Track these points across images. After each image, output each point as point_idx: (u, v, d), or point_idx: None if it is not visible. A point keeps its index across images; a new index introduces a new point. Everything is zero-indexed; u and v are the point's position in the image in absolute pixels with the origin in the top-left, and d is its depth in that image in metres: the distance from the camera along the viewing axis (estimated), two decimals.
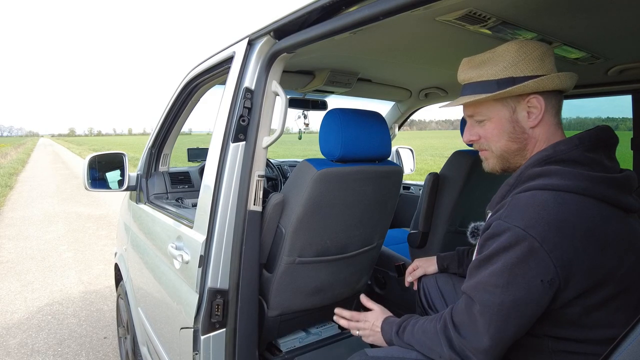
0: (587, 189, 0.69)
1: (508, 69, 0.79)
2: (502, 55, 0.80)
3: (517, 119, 0.80)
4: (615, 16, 0.88)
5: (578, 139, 0.76)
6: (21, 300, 3.02)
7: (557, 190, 0.69)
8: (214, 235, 1.06)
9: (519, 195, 0.72)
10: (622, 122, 1.85)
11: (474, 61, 0.84)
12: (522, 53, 0.78)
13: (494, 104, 0.81)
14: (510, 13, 0.87)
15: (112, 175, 1.84)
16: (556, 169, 0.72)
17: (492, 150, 0.85)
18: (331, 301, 1.40)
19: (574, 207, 0.68)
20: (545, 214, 0.67)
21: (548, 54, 0.80)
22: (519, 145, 0.82)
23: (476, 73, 0.83)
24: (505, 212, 0.71)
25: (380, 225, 1.41)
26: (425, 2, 0.66)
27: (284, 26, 0.98)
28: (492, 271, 0.70)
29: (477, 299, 0.72)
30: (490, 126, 0.83)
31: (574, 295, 0.68)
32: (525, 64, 0.78)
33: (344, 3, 0.82)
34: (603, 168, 0.73)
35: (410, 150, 2.91)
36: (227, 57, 1.18)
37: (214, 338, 1.06)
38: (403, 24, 0.95)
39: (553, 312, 0.70)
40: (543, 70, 0.78)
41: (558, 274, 0.65)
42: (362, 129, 1.20)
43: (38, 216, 6.02)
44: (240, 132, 1.06)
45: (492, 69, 0.80)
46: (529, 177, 0.75)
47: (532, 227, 0.66)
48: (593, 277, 0.67)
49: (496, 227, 0.71)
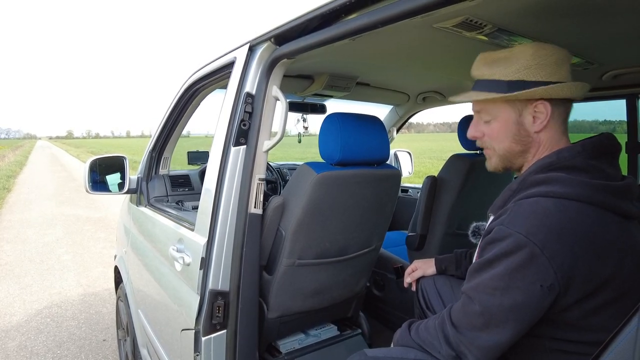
0: (587, 197, 0.70)
1: (520, 71, 0.78)
2: (517, 57, 0.79)
3: (522, 122, 0.81)
4: (609, 23, 0.90)
5: (581, 146, 0.77)
6: (20, 302, 3.01)
7: (558, 198, 0.70)
8: (215, 237, 1.07)
9: (522, 202, 0.73)
10: (618, 124, 1.86)
11: (489, 58, 0.84)
12: (537, 57, 0.78)
13: (501, 105, 0.82)
14: (505, 20, 0.88)
15: (113, 178, 1.85)
16: (558, 176, 0.73)
17: (494, 149, 0.86)
18: (330, 303, 1.41)
19: (574, 214, 0.69)
20: (546, 221, 0.68)
21: (564, 61, 0.79)
22: (522, 147, 0.82)
23: (489, 71, 0.82)
24: (508, 218, 0.72)
25: (379, 227, 1.42)
26: (422, 11, 0.67)
27: (285, 32, 0.99)
28: (492, 275, 0.71)
29: (476, 300, 0.74)
30: (496, 126, 0.84)
31: (573, 300, 0.69)
32: (538, 69, 0.78)
33: (344, 11, 0.83)
34: (604, 175, 0.74)
35: (408, 154, 2.93)
36: (229, 62, 1.20)
37: (214, 339, 1.07)
38: (401, 30, 0.97)
39: (551, 316, 0.72)
40: (556, 76, 0.78)
41: (558, 280, 0.66)
42: (361, 133, 1.21)
43: (36, 219, 6.01)
44: (241, 136, 1.08)
45: (505, 69, 0.80)
46: (531, 183, 0.75)
47: (534, 234, 0.67)
48: (592, 283, 0.68)
49: (498, 232, 0.72)
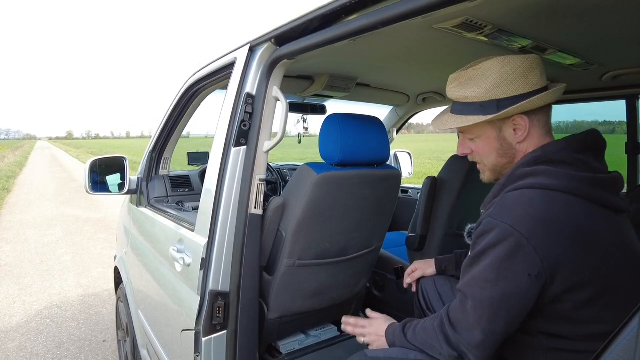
0: (573, 188, 0.72)
1: (491, 90, 0.79)
2: (485, 75, 0.80)
3: (504, 136, 0.84)
4: (609, 24, 0.90)
5: (566, 142, 0.79)
6: (20, 303, 3.01)
7: (544, 189, 0.72)
8: (215, 238, 1.07)
9: (508, 194, 0.75)
10: (618, 125, 1.87)
11: (459, 79, 0.85)
12: (504, 73, 0.79)
13: (481, 125, 0.84)
14: (505, 21, 0.88)
15: (113, 178, 1.85)
16: (544, 168, 0.75)
17: (484, 164, 0.90)
18: (330, 304, 1.41)
19: (560, 205, 0.71)
20: (532, 211, 0.70)
21: (533, 68, 0.80)
22: (509, 159, 0.86)
23: (462, 93, 0.84)
24: (495, 210, 0.74)
25: (379, 228, 1.42)
26: (422, 12, 0.68)
27: (285, 33, 1.00)
28: (482, 267, 0.73)
29: (469, 295, 0.75)
30: (480, 143, 0.87)
31: (561, 290, 0.70)
32: (508, 85, 0.79)
33: (344, 12, 0.84)
34: (590, 169, 0.76)
35: (408, 154, 2.93)
36: (229, 62, 1.20)
37: (215, 340, 1.07)
38: (401, 31, 0.97)
39: (545, 308, 0.73)
40: (528, 87, 0.79)
41: (544, 269, 0.68)
42: (361, 134, 1.21)
43: (36, 219, 6.00)
44: (241, 137, 1.08)
45: (476, 90, 0.81)
46: (518, 176, 0.77)
47: (520, 223, 0.69)
48: (579, 273, 0.69)
49: (486, 224, 0.74)
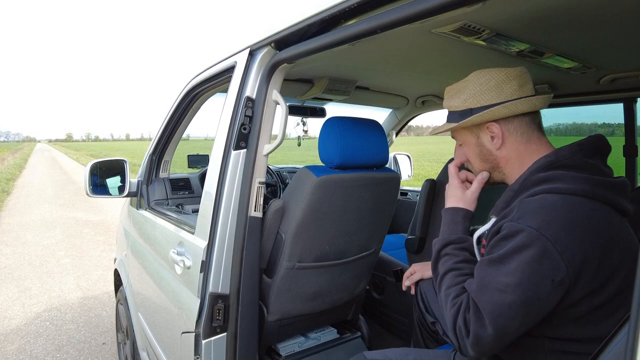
0: (591, 192, 0.72)
1: (467, 100, 0.87)
2: (467, 87, 0.88)
3: (482, 143, 0.89)
4: (606, 28, 0.91)
5: (578, 146, 0.80)
6: (19, 306, 3.01)
7: (564, 194, 0.72)
8: (215, 240, 1.08)
9: (529, 200, 0.75)
10: (617, 127, 1.87)
11: (451, 91, 0.92)
12: (479, 84, 0.86)
13: (462, 132, 0.91)
14: (503, 25, 0.89)
15: (113, 181, 1.86)
16: (560, 173, 0.76)
17: (473, 169, 0.94)
18: (330, 306, 1.42)
19: (581, 209, 0.71)
20: (556, 216, 0.70)
21: (508, 80, 0.84)
22: (491, 164, 0.89)
23: (449, 103, 0.92)
24: (517, 215, 0.73)
25: (379, 230, 1.43)
26: (421, 16, 0.68)
27: (285, 37, 1.01)
28: (504, 271, 0.71)
29: (486, 297, 0.73)
30: (467, 149, 0.93)
31: (581, 295, 0.70)
32: (481, 95, 0.85)
33: (343, 16, 0.85)
34: (601, 173, 0.77)
35: (407, 157, 2.94)
36: (229, 66, 1.21)
37: (215, 342, 1.08)
38: (400, 35, 0.97)
39: (559, 313, 0.72)
40: (501, 97, 0.84)
41: (568, 274, 0.68)
42: (361, 137, 1.22)
43: (36, 222, 6.00)
44: (241, 140, 1.08)
45: (457, 101, 0.89)
46: (534, 182, 0.78)
47: (545, 228, 0.69)
48: (600, 277, 0.70)
49: (509, 228, 0.73)
